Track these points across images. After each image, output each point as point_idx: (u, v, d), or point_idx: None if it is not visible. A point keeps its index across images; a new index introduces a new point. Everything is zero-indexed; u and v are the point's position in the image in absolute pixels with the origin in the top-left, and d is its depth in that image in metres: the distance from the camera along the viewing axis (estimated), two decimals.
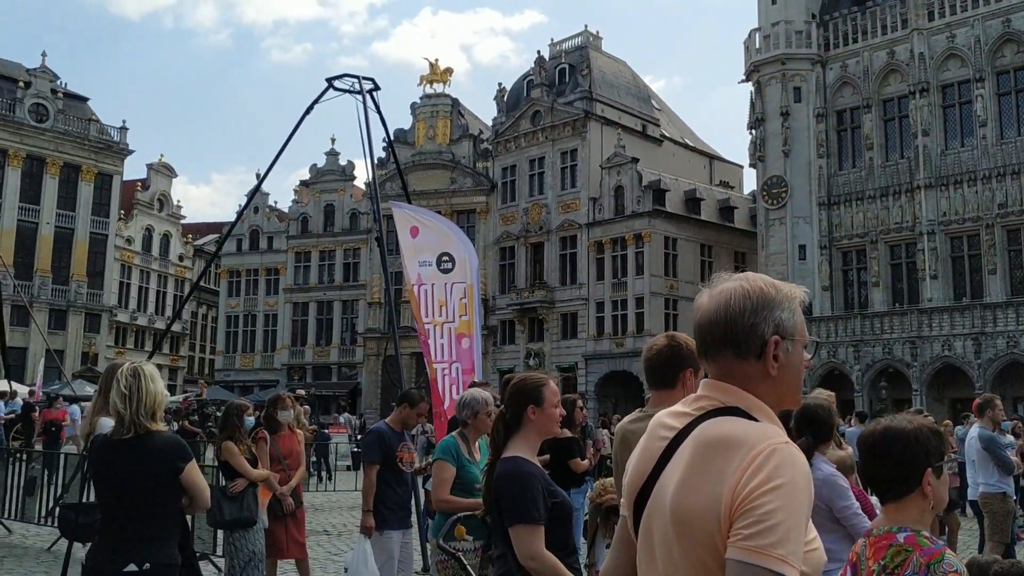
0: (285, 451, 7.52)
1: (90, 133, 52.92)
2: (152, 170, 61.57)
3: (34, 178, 50.19)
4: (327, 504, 15.77)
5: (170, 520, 3.76)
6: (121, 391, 3.66)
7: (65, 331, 49.76)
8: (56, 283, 50.20)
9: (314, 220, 57.11)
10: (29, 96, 50.35)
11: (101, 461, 3.74)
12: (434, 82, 54.03)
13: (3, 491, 11.62)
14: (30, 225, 49.44)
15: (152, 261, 60.73)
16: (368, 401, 51.62)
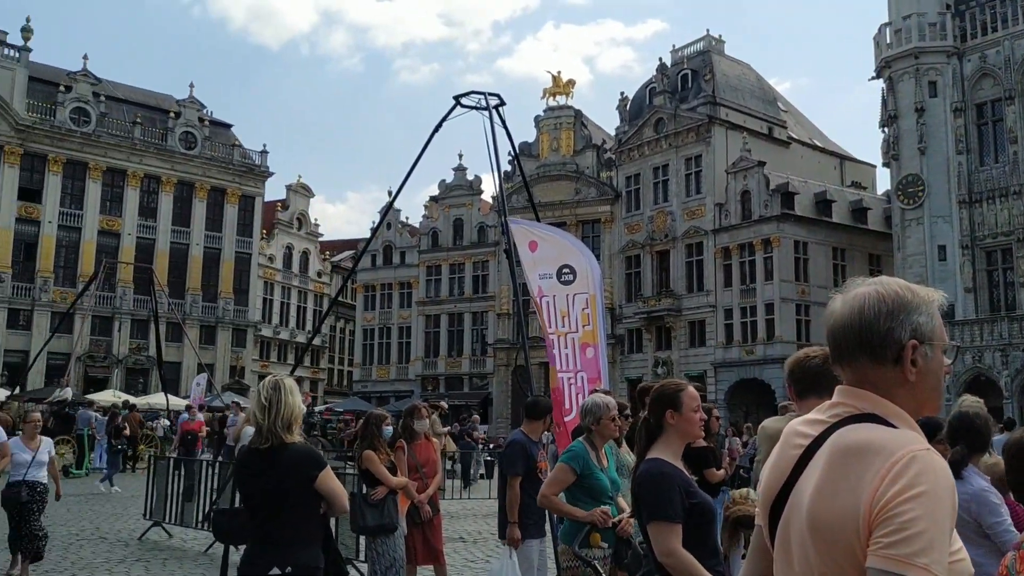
0: (422, 459, 7.63)
1: (234, 158, 55.54)
2: (291, 191, 64.04)
3: (184, 202, 53.02)
4: (462, 512, 15.96)
5: (310, 525, 3.87)
6: (261, 403, 3.79)
7: (215, 346, 52.27)
8: (206, 300, 52.82)
9: (444, 234, 58.16)
10: (179, 125, 53.30)
11: (244, 469, 3.90)
12: (557, 94, 54.26)
13: (164, 497, 12.22)
14: (181, 247, 52.24)
15: (292, 278, 63.10)
16: (499, 411, 52.11)
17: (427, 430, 8.07)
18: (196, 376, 36.24)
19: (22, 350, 44.51)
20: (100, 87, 51.32)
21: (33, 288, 46.78)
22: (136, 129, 51.28)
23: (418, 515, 7.40)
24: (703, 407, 3.83)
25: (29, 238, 47.28)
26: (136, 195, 50.99)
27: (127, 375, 48.22)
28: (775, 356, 42.11)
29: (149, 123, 52.44)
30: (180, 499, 12.04)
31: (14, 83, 47.15)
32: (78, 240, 48.71)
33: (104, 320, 48.28)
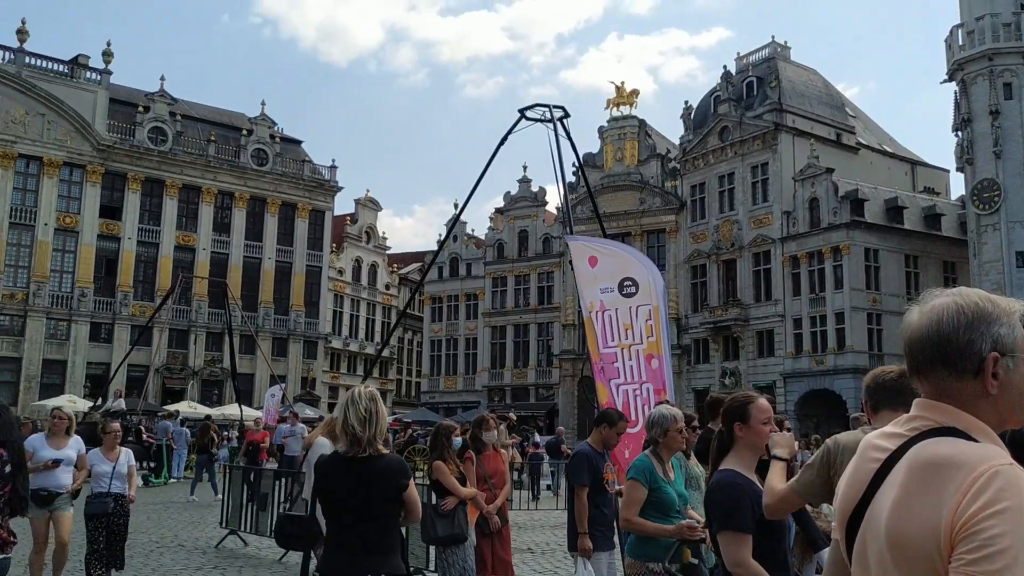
0: (491, 471, 7.67)
1: (304, 173, 56.58)
2: (359, 205, 64.95)
3: (257, 217, 54.18)
4: (530, 523, 15.94)
5: (396, 533, 3.98)
6: (360, 414, 3.83)
7: (286, 358, 53.19)
8: (278, 313, 53.82)
9: (509, 246, 58.35)
10: (251, 142, 54.52)
11: (336, 478, 3.87)
12: (620, 104, 54.09)
13: (239, 507, 12.47)
14: (254, 261, 53.35)
15: (361, 290, 63.91)
16: (565, 421, 51.91)
17: (495, 441, 8.09)
18: (270, 387, 36.91)
19: (104, 362, 45.91)
20: (176, 107, 52.80)
21: (114, 302, 48.23)
22: (210, 147, 52.62)
23: (487, 526, 7.42)
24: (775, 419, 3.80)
25: (110, 254, 48.79)
26: (210, 211, 52.26)
27: (203, 386, 49.34)
28: (846, 366, 41.22)
29: (223, 141, 53.76)
30: (254, 508, 12.27)
31: (96, 105, 48.80)
32: (156, 255, 50.10)
33: (181, 333, 49.51)
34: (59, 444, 7.91)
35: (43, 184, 46.80)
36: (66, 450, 7.91)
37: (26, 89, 46.58)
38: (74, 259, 47.51)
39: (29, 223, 46.25)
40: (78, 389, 43.16)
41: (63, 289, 47.06)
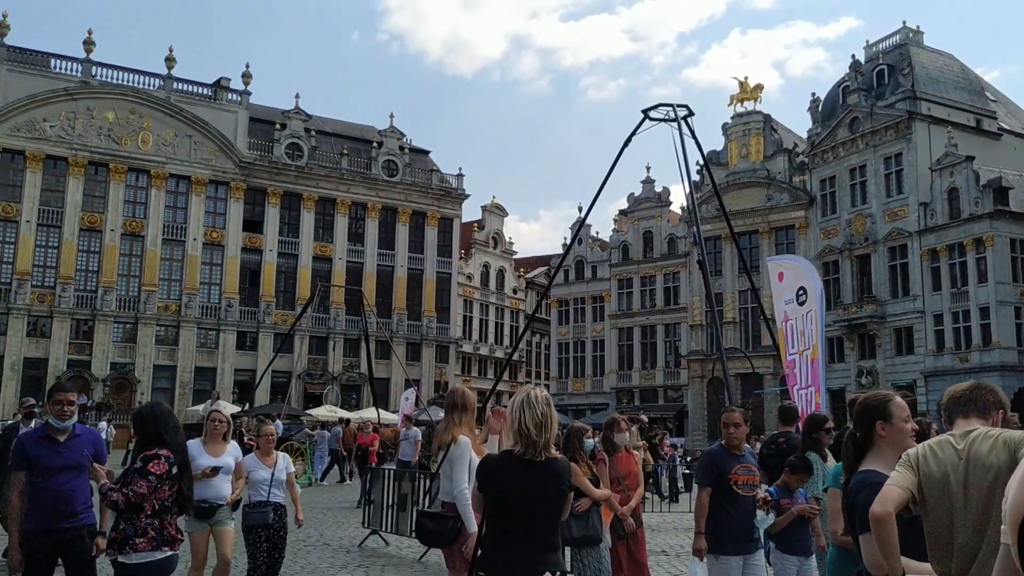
0: (624, 472, 7.62)
1: (432, 183, 57.72)
2: (486, 211, 65.73)
3: (388, 226, 55.61)
4: (663, 525, 15.77)
5: (559, 532, 4.07)
6: (537, 418, 3.85)
7: (419, 362, 54.35)
8: (410, 319, 55.06)
9: (634, 247, 57.91)
10: (382, 154, 56.02)
11: (508, 478, 3.90)
12: (744, 100, 52.87)
13: (380, 507, 12.79)
14: (387, 269, 54.79)
15: (490, 295, 64.65)
16: (695, 423, 51.14)
17: (627, 443, 8.04)
18: (404, 391, 37.78)
19: (249, 369, 48.07)
20: (311, 123, 54.78)
21: (258, 312, 50.39)
22: (343, 160, 54.36)
23: (622, 528, 7.38)
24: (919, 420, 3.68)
25: (253, 266, 51.02)
26: (345, 222, 53.95)
27: (341, 391, 50.94)
28: (993, 364, 39.05)
29: (355, 153, 55.43)
30: (395, 508, 12.56)
31: (237, 124, 51.17)
32: (295, 266, 52.07)
33: (320, 340, 51.29)
34: (217, 451, 7.12)
35: (191, 201, 49.38)
36: (224, 457, 7.13)
37: (175, 113, 49.28)
38: (221, 271, 49.92)
39: (180, 239, 48.88)
40: (227, 395, 45.21)
41: (211, 300, 49.52)
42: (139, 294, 47.30)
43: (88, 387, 44.23)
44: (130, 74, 49.55)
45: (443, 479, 5.72)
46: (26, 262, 44.85)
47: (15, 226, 45.08)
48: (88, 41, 48.21)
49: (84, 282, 46.37)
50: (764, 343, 47.57)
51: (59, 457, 5.51)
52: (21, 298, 44.31)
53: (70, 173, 46.40)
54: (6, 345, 43.82)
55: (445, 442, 5.78)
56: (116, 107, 48.00)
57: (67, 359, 45.00)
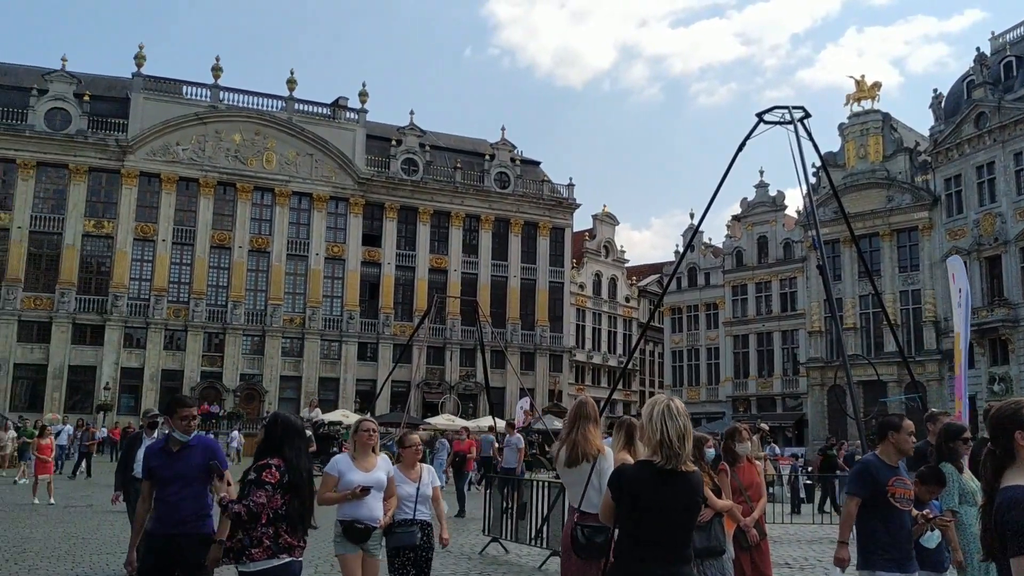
0: (746, 482, 7.47)
1: (543, 193, 58.03)
2: (597, 220, 65.63)
3: (501, 237, 56.19)
4: (785, 536, 15.42)
5: (692, 546, 4.05)
6: (679, 429, 3.86)
7: (534, 371, 54.63)
8: (524, 329, 55.44)
9: (748, 253, 56.80)
10: (494, 166, 56.70)
11: (651, 488, 3.86)
12: (861, 99, 51.16)
13: (500, 514, 12.92)
14: (501, 279, 55.35)
15: (602, 304, 64.46)
16: (815, 431, 49.65)
17: (749, 452, 7.88)
18: (520, 400, 38.06)
19: (370, 379, 49.35)
20: (425, 138, 55.94)
21: (377, 323, 51.68)
22: (457, 173, 55.27)
23: (745, 539, 7.25)
24: None
25: (372, 279, 52.39)
26: (459, 234, 54.81)
27: (458, 400, 51.69)
28: None
29: (467, 167, 56.29)
30: (515, 516, 12.66)
31: (355, 142, 52.72)
32: (412, 278, 53.19)
33: (437, 350, 52.21)
34: (368, 465, 6.33)
35: (313, 218, 51.10)
36: (376, 472, 6.32)
37: (296, 133, 51.15)
38: (342, 285, 51.44)
39: (303, 254, 50.62)
40: (349, 404, 46.56)
41: (334, 313, 51.07)
42: (266, 308, 49.21)
43: (219, 397, 46.31)
44: (254, 97, 51.70)
45: (591, 491, 5.66)
46: (162, 279, 47.31)
47: (152, 245, 47.62)
48: (216, 67, 50.56)
49: (215, 297, 48.56)
50: (887, 349, 45.89)
51: (171, 469, 5.65)
52: (158, 313, 46.75)
53: (201, 193, 48.73)
54: (146, 358, 46.31)
55: (591, 453, 5.72)
56: (242, 129, 50.17)
57: (200, 370, 47.21)
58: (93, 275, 46.98)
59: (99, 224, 46.88)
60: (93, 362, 45.48)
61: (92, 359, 45.51)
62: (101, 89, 49.31)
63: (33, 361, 44.95)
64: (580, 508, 5.66)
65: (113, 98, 48.99)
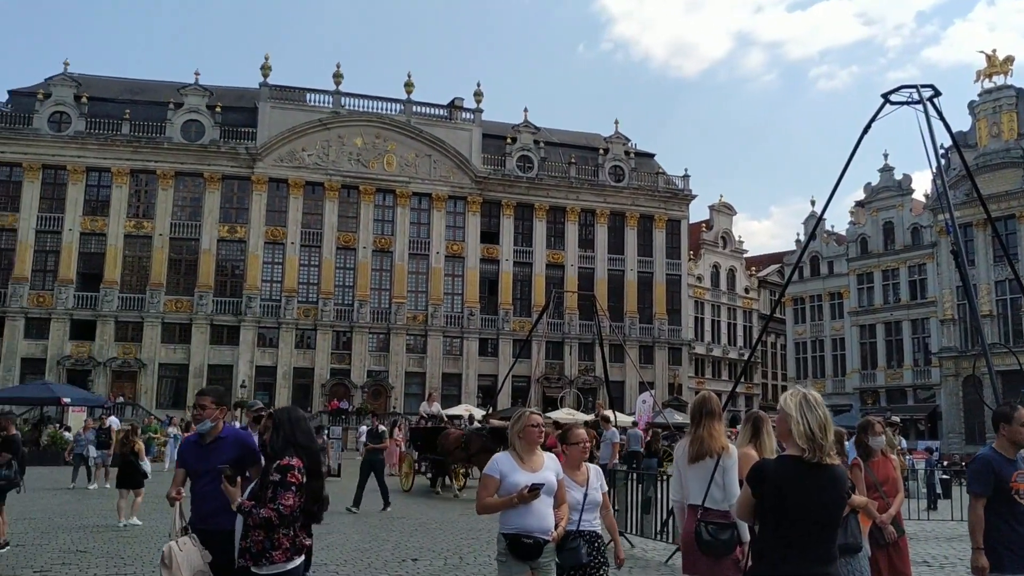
0: (881, 477, 7.26)
1: (658, 185, 57.70)
2: (713, 211, 64.78)
3: (617, 231, 56.17)
4: (921, 533, 15.12)
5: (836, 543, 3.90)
6: (820, 420, 3.76)
7: (653, 365, 54.44)
8: (642, 322, 55.32)
9: (873, 240, 55.07)
10: (608, 160, 56.72)
11: (795, 483, 3.72)
12: (993, 74, 48.80)
13: (624, 509, 13.07)
14: (617, 273, 55.36)
15: (720, 295, 63.62)
16: (950, 424, 47.83)
17: (883, 446, 7.56)
18: (640, 394, 38.11)
19: (491, 374, 50.21)
20: (539, 135, 56.41)
21: (497, 319, 52.54)
22: (571, 169, 55.54)
23: (882, 536, 7.02)
24: None
25: (491, 275, 53.27)
26: (575, 229, 55.11)
27: (579, 394, 52.02)
28: None
29: (582, 161, 56.49)
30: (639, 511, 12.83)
31: (471, 141, 53.67)
32: (530, 274, 53.80)
33: (556, 345, 52.67)
34: (535, 465, 5.22)
35: (433, 217, 52.33)
36: (544, 473, 5.20)
37: (415, 134, 52.45)
38: (462, 282, 52.49)
39: (424, 253, 51.91)
40: (472, 399, 47.51)
41: (454, 310, 52.18)
42: (390, 306, 50.71)
43: (348, 394, 48.03)
44: (374, 101, 53.26)
45: (714, 488, 5.55)
46: (292, 280, 49.36)
47: (282, 248, 49.72)
48: (337, 74, 52.33)
49: (342, 297, 50.35)
50: None
51: (201, 461, 5.63)
52: (289, 313, 48.82)
53: (326, 197, 50.58)
54: (278, 356, 48.45)
55: (715, 449, 5.58)
56: (363, 133, 51.80)
57: (330, 368, 49.08)
58: (228, 278, 49.43)
59: (232, 229, 49.29)
60: (230, 361, 47.90)
61: (229, 358, 47.94)
62: (231, 100, 51.75)
63: (175, 361, 47.68)
64: (704, 505, 5.52)
65: (242, 108, 51.37)
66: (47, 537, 12.45)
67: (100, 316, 46.80)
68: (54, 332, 46.24)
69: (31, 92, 48.93)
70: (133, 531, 13.43)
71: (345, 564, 10.49)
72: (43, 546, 11.59)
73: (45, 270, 47.20)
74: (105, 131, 48.22)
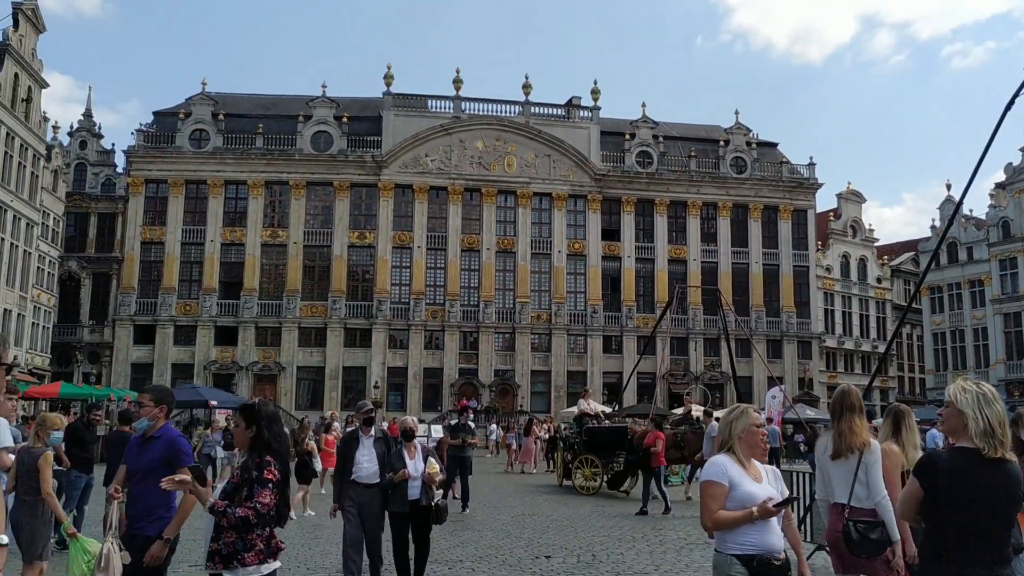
0: None
1: (782, 175, 56.35)
2: (841, 199, 62.68)
3: (740, 224, 55.20)
4: None
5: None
6: (998, 414, 3.63)
7: (781, 359, 53.24)
8: (769, 316, 54.18)
9: (1016, 222, 52.26)
10: (729, 152, 55.81)
11: (965, 479, 3.59)
12: None
13: None
14: (742, 266, 54.42)
15: (851, 286, 61.49)
16: None
17: None
18: (770, 389, 37.37)
19: (616, 371, 50.27)
20: (658, 129, 56.01)
21: (620, 316, 52.50)
22: (691, 162, 54.94)
23: None
24: None
25: (613, 272, 53.26)
26: (696, 223, 54.46)
27: (705, 390, 51.45)
28: None
29: (702, 155, 55.78)
30: None
31: (589, 139, 53.79)
32: (652, 270, 53.51)
33: (680, 341, 52.23)
34: (756, 472, 4.42)
35: (554, 216, 52.73)
36: (766, 485, 4.39)
37: (534, 135, 52.97)
38: (584, 280, 52.70)
39: (546, 252, 52.38)
40: (597, 397, 47.48)
41: (578, 308, 52.43)
42: (514, 306, 51.39)
43: (476, 393, 48.97)
44: (493, 104, 54.07)
45: (858, 486, 5.44)
46: (419, 283, 50.70)
47: (409, 252, 51.13)
48: (456, 79, 53.38)
49: (467, 298, 51.36)
50: None
51: (135, 461, 5.47)
52: (418, 315, 50.15)
53: (450, 200, 51.69)
54: (409, 357, 49.86)
55: (856, 445, 5.44)
56: (484, 136, 52.68)
57: (458, 368, 50.17)
58: (359, 283, 51.17)
59: (362, 235, 50.99)
60: (363, 363, 49.61)
61: (362, 360, 49.65)
62: (356, 110, 53.51)
63: (312, 364, 49.71)
64: (850, 504, 5.40)
65: (367, 117, 53.05)
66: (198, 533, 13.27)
67: (241, 322, 49.28)
68: (200, 338, 48.97)
69: (173, 112, 51.96)
70: None
71: (480, 561, 10.78)
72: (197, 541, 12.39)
73: (190, 280, 50.04)
74: (241, 146, 50.77)
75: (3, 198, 40.13)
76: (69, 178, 49.87)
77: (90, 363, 48.92)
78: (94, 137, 52.57)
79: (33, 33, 43.08)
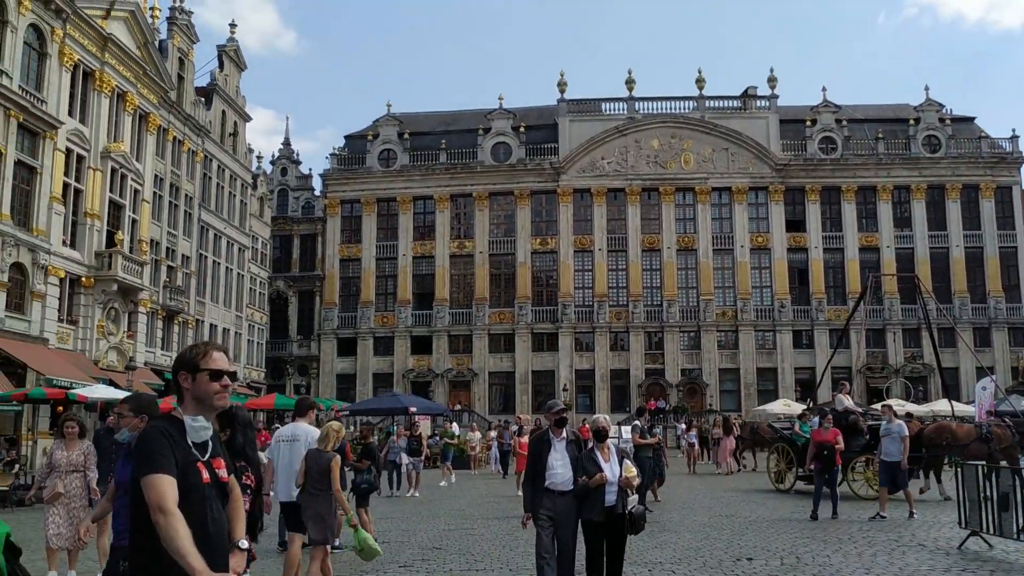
0: None
1: (982, 151, 52.58)
2: None
3: (937, 206, 51.96)
4: None
5: None
6: None
7: (991, 348, 49.55)
8: (974, 302, 50.63)
9: None
10: (920, 131, 52.69)
11: None
12: None
13: (978, 506, 12.20)
14: (940, 251, 51.18)
15: None
16: None
17: None
18: (980, 380, 34.96)
19: (808, 367, 48.49)
20: (841, 113, 53.65)
21: (810, 309, 50.63)
22: (879, 144, 52.25)
23: None
24: None
25: (799, 264, 51.46)
26: (888, 208, 51.74)
27: (907, 383, 48.72)
28: None
29: (890, 136, 52.91)
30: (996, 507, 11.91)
31: (768, 129, 52.27)
32: (841, 260, 51.28)
33: (876, 332, 49.71)
34: None
35: (735, 211, 51.59)
36: None
37: (709, 130, 52.05)
38: (769, 274, 51.22)
39: (728, 247, 51.33)
40: (789, 394, 46.18)
41: (764, 303, 51.01)
42: (698, 303, 50.65)
43: (664, 393, 48.62)
44: (666, 102, 53.58)
45: None
46: (602, 285, 50.94)
47: (590, 255, 51.48)
48: (629, 80, 53.27)
49: (650, 298, 51.11)
50: None
51: (120, 473, 5.40)
52: (602, 317, 50.41)
53: (628, 202, 51.64)
54: (595, 360, 50.18)
55: None
56: (659, 135, 52.28)
57: (644, 368, 49.97)
58: (543, 288, 52.05)
59: (544, 241, 51.83)
60: (551, 367, 50.37)
61: (550, 364, 50.43)
62: (532, 119, 54.44)
63: (502, 369, 50.99)
64: None
65: (543, 125, 53.87)
66: (407, 535, 14.01)
67: (435, 332, 51.24)
68: (398, 348, 51.33)
69: (362, 135, 54.84)
70: (479, 530, 14.63)
71: (680, 563, 10.71)
72: (404, 543, 13.06)
73: (386, 293, 52.57)
74: (426, 162, 52.90)
75: (218, 226, 43.71)
76: (273, 203, 53.71)
77: (300, 375, 52.40)
78: (293, 164, 56.38)
79: (236, 72, 46.72)
